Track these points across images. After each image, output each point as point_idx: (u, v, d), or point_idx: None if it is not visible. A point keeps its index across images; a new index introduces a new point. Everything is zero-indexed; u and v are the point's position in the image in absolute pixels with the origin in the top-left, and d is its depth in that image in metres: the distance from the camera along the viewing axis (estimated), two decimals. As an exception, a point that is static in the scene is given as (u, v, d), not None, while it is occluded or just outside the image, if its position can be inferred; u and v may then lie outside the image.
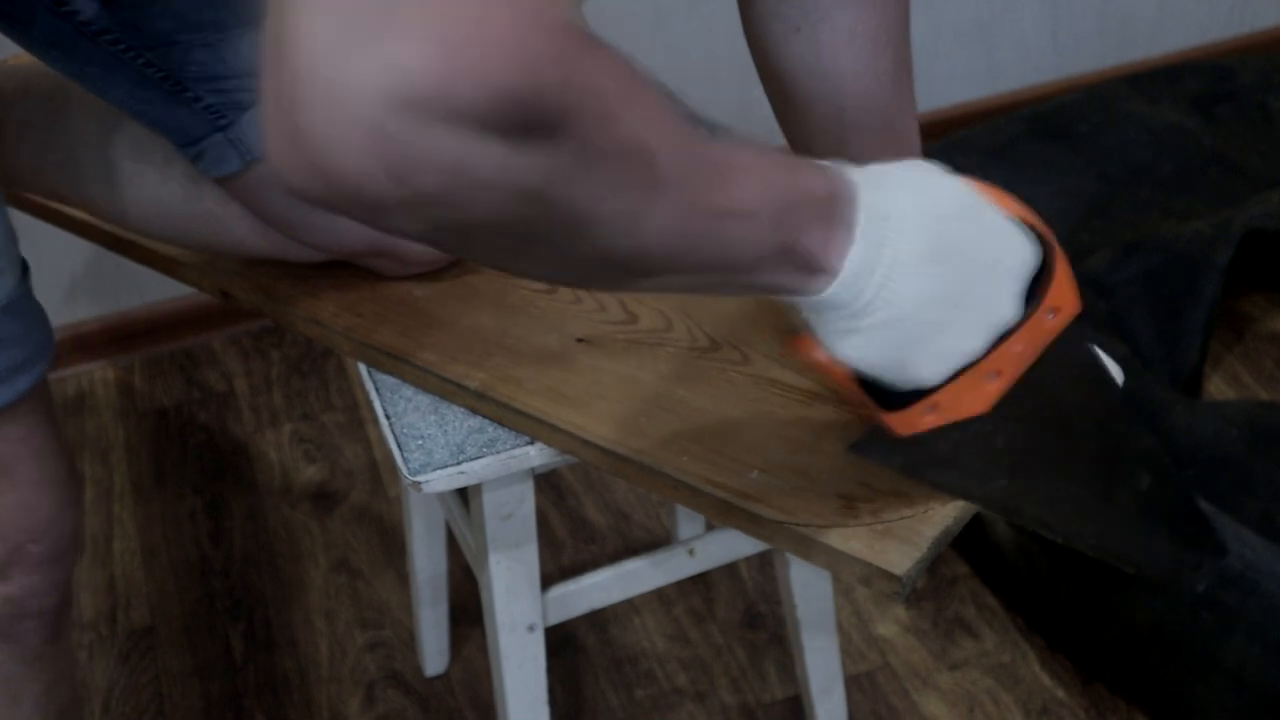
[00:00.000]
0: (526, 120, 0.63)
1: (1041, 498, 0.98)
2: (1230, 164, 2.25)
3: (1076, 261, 2.19)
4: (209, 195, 1.19)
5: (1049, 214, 2.25)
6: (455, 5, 0.60)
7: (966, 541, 1.86)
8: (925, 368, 0.86)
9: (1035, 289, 0.88)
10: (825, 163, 0.83)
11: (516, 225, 0.68)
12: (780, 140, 1.17)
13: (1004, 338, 0.87)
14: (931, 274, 0.83)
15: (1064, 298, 0.89)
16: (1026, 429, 0.92)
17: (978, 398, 0.89)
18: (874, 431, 0.92)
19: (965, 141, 2.24)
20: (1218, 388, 2.10)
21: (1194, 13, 2.65)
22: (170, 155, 1.19)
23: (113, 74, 1.11)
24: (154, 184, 1.21)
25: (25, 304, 1.08)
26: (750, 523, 0.99)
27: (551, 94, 0.63)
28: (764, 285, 0.81)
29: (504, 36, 0.60)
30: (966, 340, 0.86)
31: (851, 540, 0.96)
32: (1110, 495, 1.01)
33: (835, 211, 0.81)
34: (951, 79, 2.54)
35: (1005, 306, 0.87)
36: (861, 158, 1.10)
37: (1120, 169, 2.23)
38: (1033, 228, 0.89)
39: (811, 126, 1.13)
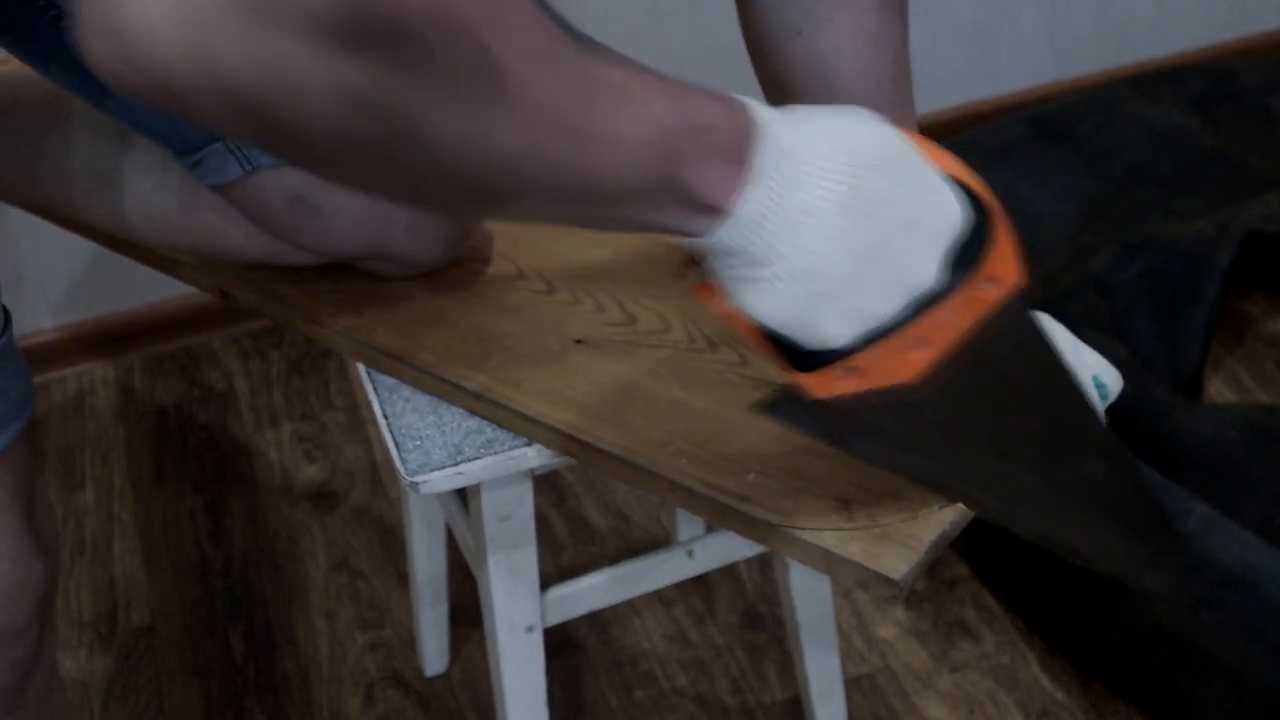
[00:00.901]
0: (356, 25, 0.59)
1: (976, 476, 0.94)
2: (1231, 165, 2.25)
3: (1078, 262, 2.20)
4: (205, 203, 1.18)
5: (1050, 215, 2.27)
6: None
7: (966, 543, 1.86)
8: (832, 327, 0.80)
9: (970, 256, 0.82)
10: (732, 96, 0.77)
11: (348, 133, 0.64)
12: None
13: (930, 304, 0.81)
14: (842, 225, 0.77)
15: (1004, 267, 0.83)
16: (961, 402, 0.87)
17: (903, 365, 0.83)
18: (787, 392, 0.86)
19: (966, 143, 2.24)
20: (1218, 390, 2.10)
21: (1193, 14, 2.65)
22: (165, 164, 1.18)
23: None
24: (149, 193, 1.21)
25: (4, 358, 1.03)
26: (747, 525, 0.99)
27: (409, 8, 0.59)
28: (645, 221, 0.76)
29: None
30: (879, 302, 0.80)
31: (848, 543, 0.96)
32: (1054, 481, 0.96)
33: (731, 147, 0.75)
34: (950, 80, 2.54)
35: (924, 269, 0.80)
36: None
37: (1121, 170, 2.23)
38: (970, 190, 0.83)
39: None
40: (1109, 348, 1.86)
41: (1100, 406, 1.04)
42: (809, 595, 1.50)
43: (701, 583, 1.88)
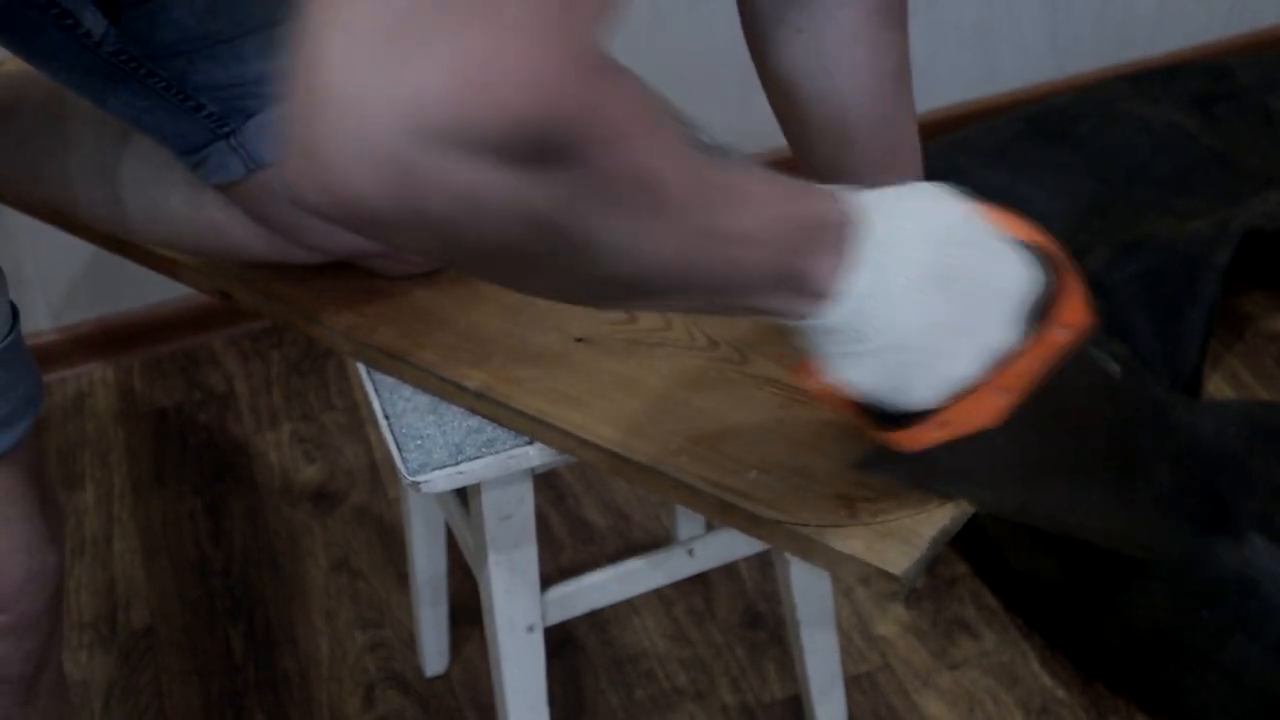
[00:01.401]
0: (541, 151, 0.63)
1: (1057, 502, 0.99)
2: (1230, 163, 2.24)
3: (1077, 260, 2.19)
4: (209, 202, 1.18)
5: (1049, 214, 2.27)
6: (476, 36, 0.61)
7: (966, 541, 1.86)
8: (921, 391, 0.86)
9: (1045, 308, 0.88)
10: (831, 188, 0.83)
11: (524, 248, 0.69)
12: (781, 141, 1.16)
13: (1011, 359, 0.87)
14: (932, 301, 0.83)
15: (1075, 315, 0.90)
16: (1038, 437, 0.93)
17: (989, 411, 0.89)
18: (879, 448, 0.92)
19: (965, 141, 2.24)
20: (1217, 387, 2.10)
21: (1193, 12, 2.65)
22: (169, 162, 1.18)
23: (114, 85, 1.10)
24: (152, 192, 1.21)
25: (12, 355, 1.04)
26: (749, 522, 0.99)
27: (566, 125, 0.64)
28: (766, 308, 0.82)
29: (522, 68, 0.61)
30: (964, 367, 0.86)
31: (850, 540, 0.96)
32: (1129, 495, 1.02)
33: (839, 237, 0.81)
34: (951, 79, 2.54)
35: (999, 332, 0.87)
36: (862, 157, 1.11)
37: (1120, 169, 2.23)
38: (1040, 248, 0.89)
39: (813, 128, 1.12)
40: (1107, 346, 1.86)
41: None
42: (809, 593, 1.50)
43: (701, 582, 1.88)
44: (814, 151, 1.13)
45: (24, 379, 1.05)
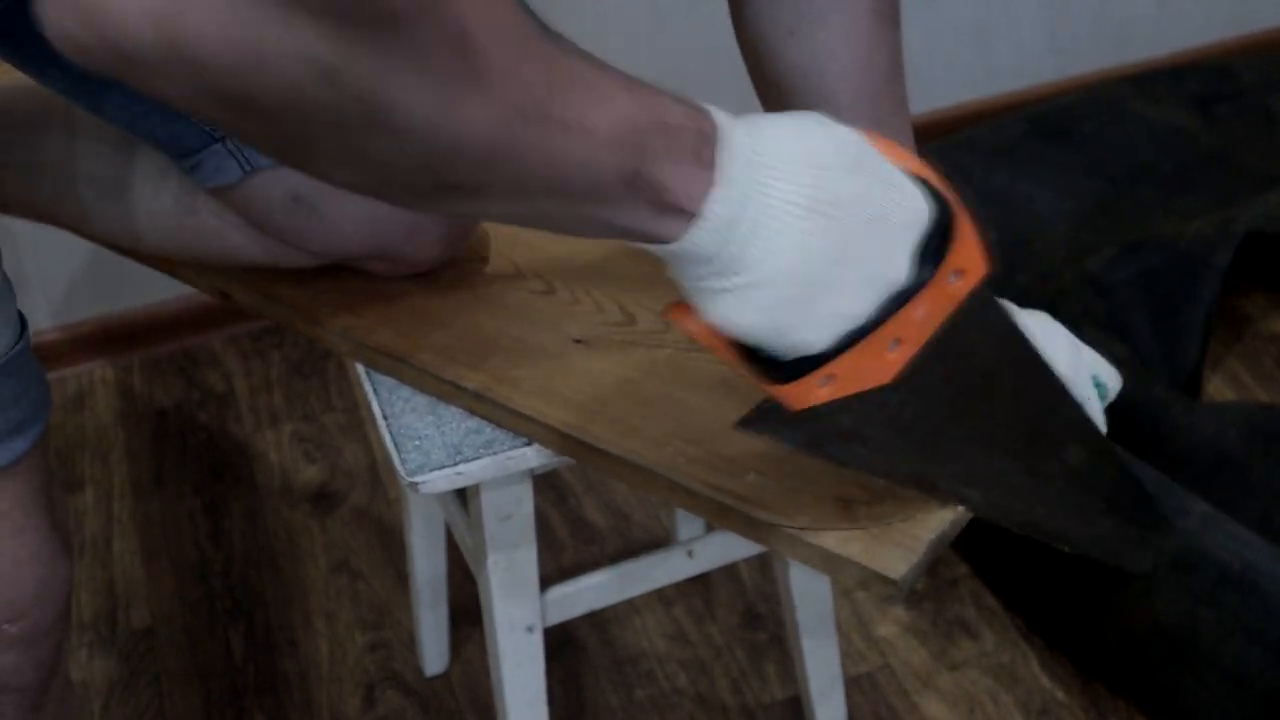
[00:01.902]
0: None
1: (958, 472, 0.94)
2: (1230, 164, 2.25)
3: (1077, 261, 2.20)
4: (204, 206, 1.18)
5: (1050, 214, 2.26)
6: None
7: (966, 542, 1.86)
8: (809, 332, 0.79)
9: (936, 250, 0.81)
10: (694, 100, 0.77)
11: (314, 111, 0.63)
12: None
13: (901, 302, 0.81)
14: (810, 228, 0.77)
15: (969, 259, 0.83)
16: (938, 399, 0.87)
17: (879, 367, 0.82)
18: (765, 406, 0.86)
19: (966, 141, 2.24)
20: (1217, 388, 2.10)
21: (1193, 13, 2.65)
22: (163, 168, 1.18)
23: (108, 90, 1.10)
24: (147, 198, 1.21)
25: (21, 362, 1.04)
26: (746, 525, 0.99)
27: None
28: (613, 223, 0.75)
29: None
30: (853, 302, 0.80)
31: (848, 543, 0.96)
32: (1037, 469, 0.96)
33: (695, 147, 0.75)
34: (950, 79, 2.54)
35: (894, 264, 0.80)
36: None
37: (1121, 169, 2.23)
38: (930, 185, 0.82)
39: None
40: (1107, 346, 1.86)
41: (1099, 404, 1.04)
42: (809, 594, 1.50)
43: (701, 582, 1.88)
44: None
45: (34, 387, 1.05)
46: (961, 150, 2.20)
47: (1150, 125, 2.29)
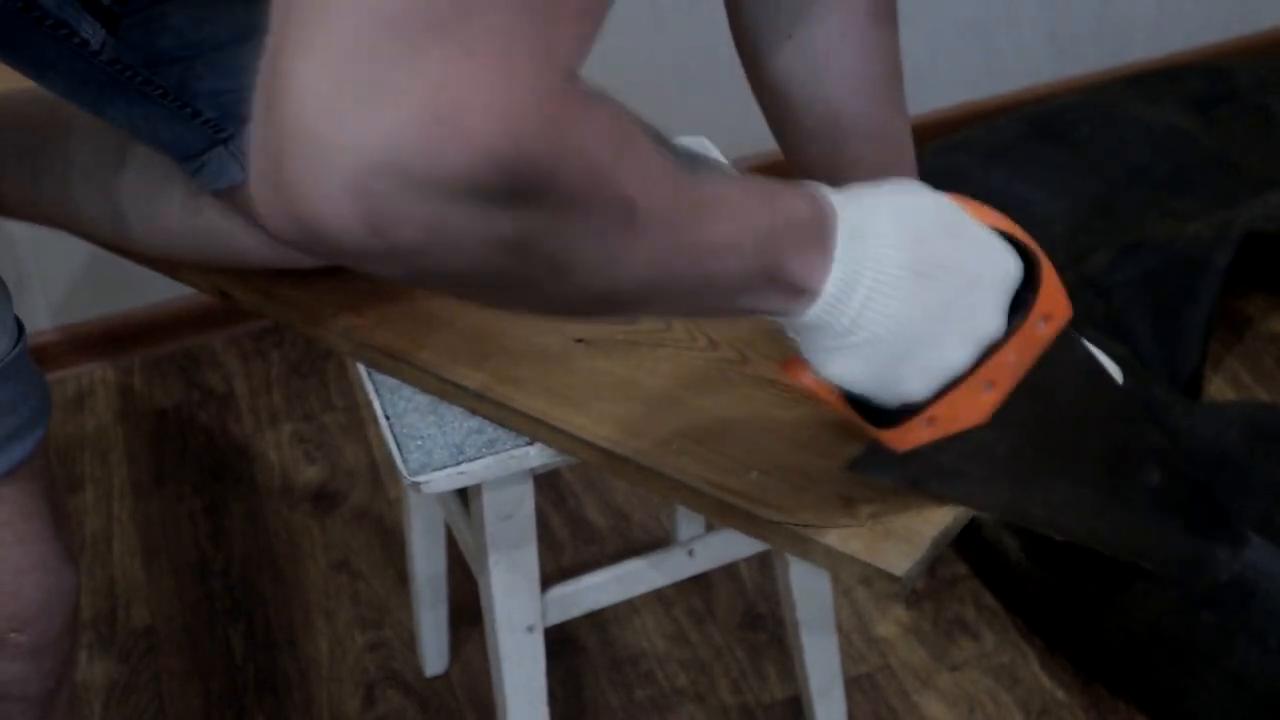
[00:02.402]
0: (514, 187, 0.63)
1: (1050, 501, 0.98)
2: (1229, 165, 2.25)
3: (1076, 262, 2.19)
4: (209, 208, 1.18)
5: (1049, 215, 2.26)
6: (448, 71, 0.60)
7: (966, 542, 1.86)
8: (912, 383, 0.86)
9: (1023, 299, 0.88)
10: (804, 184, 0.83)
11: (496, 273, 0.68)
12: (774, 144, 1.17)
13: (993, 350, 0.87)
14: (913, 290, 0.83)
15: (1054, 305, 0.89)
16: (1028, 435, 0.93)
17: (974, 408, 0.89)
18: (871, 449, 0.92)
19: (965, 142, 2.24)
20: (1218, 389, 2.10)
21: (1192, 14, 2.65)
22: (168, 171, 1.18)
23: (111, 93, 1.10)
24: (153, 201, 1.21)
25: (18, 367, 1.04)
26: (749, 523, 0.99)
27: (539, 162, 0.63)
28: (749, 309, 0.82)
29: (493, 106, 0.60)
30: (951, 354, 0.86)
31: (851, 541, 0.96)
32: (1120, 493, 1.01)
33: (816, 234, 0.81)
34: (950, 79, 2.54)
35: (989, 318, 0.87)
36: (856, 160, 1.10)
37: (1120, 170, 2.23)
38: (1015, 239, 0.89)
39: (805, 133, 1.12)
40: (1107, 348, 1.86)
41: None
42: (809, 594, 1.50)
43: (701, 582, 1.88)
44: (807, 156, 1.13)
45: (33, 392, 1.05)
46: (960, 151, 2.20)
47: (1149, 126, 2.29)
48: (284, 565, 1.95)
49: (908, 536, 0.96)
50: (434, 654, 1.79)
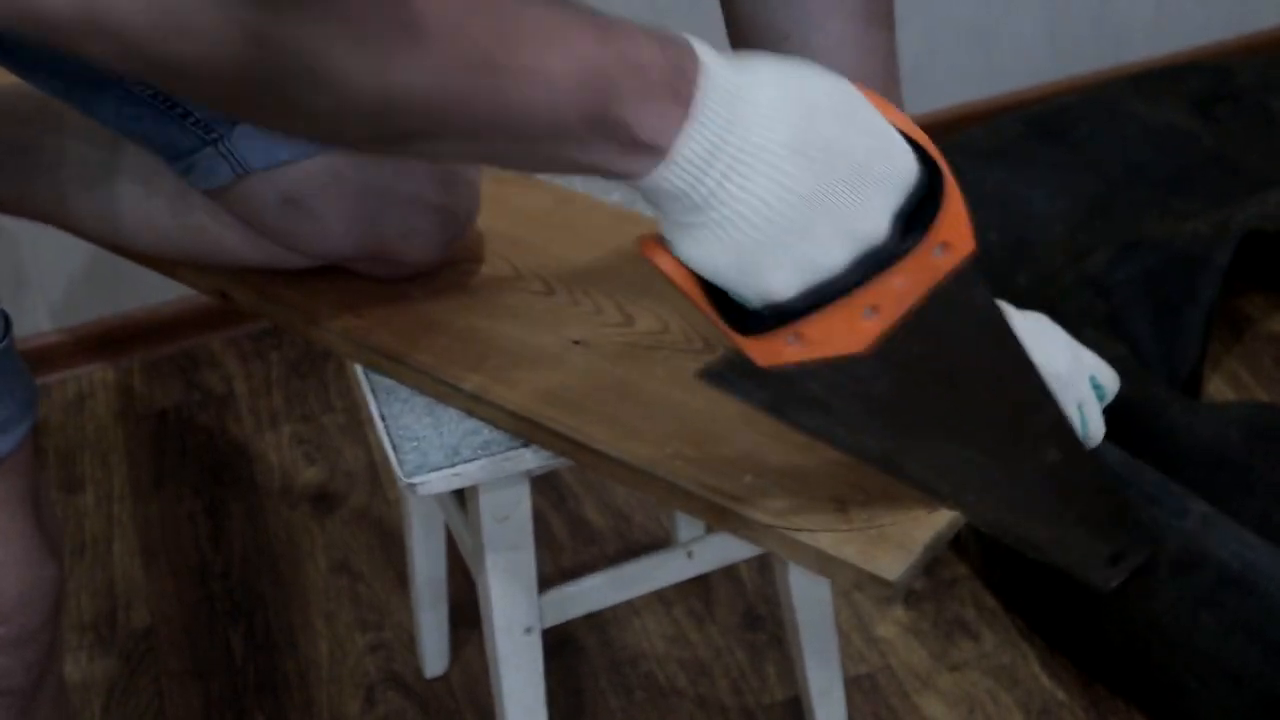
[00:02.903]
0: None
1: (929, 462, 0.92)
2: (1229, 164, 2.25)
3: (1075, 261, 2.19)
4: (199, 208, 1.18)
5: (1048, 214, 2.26)
6: None
7: (966, 542, 1.86)
8: (777, 277, 0.78)
9: (921, 219, 0.79)
10: (677, 36, 0.76)
11: (235, 67, 0.62)
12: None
13: (879, 267, 0.78)
14: (789, 170, 0.75)
15: (955, 232, 0.80)
16: (911, 378, 0.84)
17: (852, 334, 0.80)
18: (732, 360, 0.83)
19: (965, 142, 2.24)
20: (1217, 388, 2.10)
21: (1192, 14, 2.65)
22: (157, 170, 1.18)
23: (100, 92, 1.10)
24: (141, 199, 1.21)
25: (6, 361, 1.03)
26: (743, 527, 0.99)
27: None
28: (579, 161, 0.74)
29: None
30: (825, 252, 0.77)
31: (844, 545, 0.95)
32: (1010, 468, 0.94)
33: (670, 85, 0.74)
34: (950, 80, 2.54)
35: (873, 220, 0.78)
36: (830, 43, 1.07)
37: (1120, 169, 2.23)
38: (923, 149, 0.80)
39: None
40: (1107, 347, 1.86)
41: (1097, 406, 1.04)
42: (809, 595, 1.50)
43: (701, 583, 1.88)
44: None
45: (18, 387, 1.04)
46: (959, 150, 2.20)
47: (1149, 126, 2.29)
48: (284, 566, 1.95)
49: (901, 541, 0.95)
50: (434, 655, 1.79)
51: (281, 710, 1.78)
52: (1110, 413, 1.06)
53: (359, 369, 1.21)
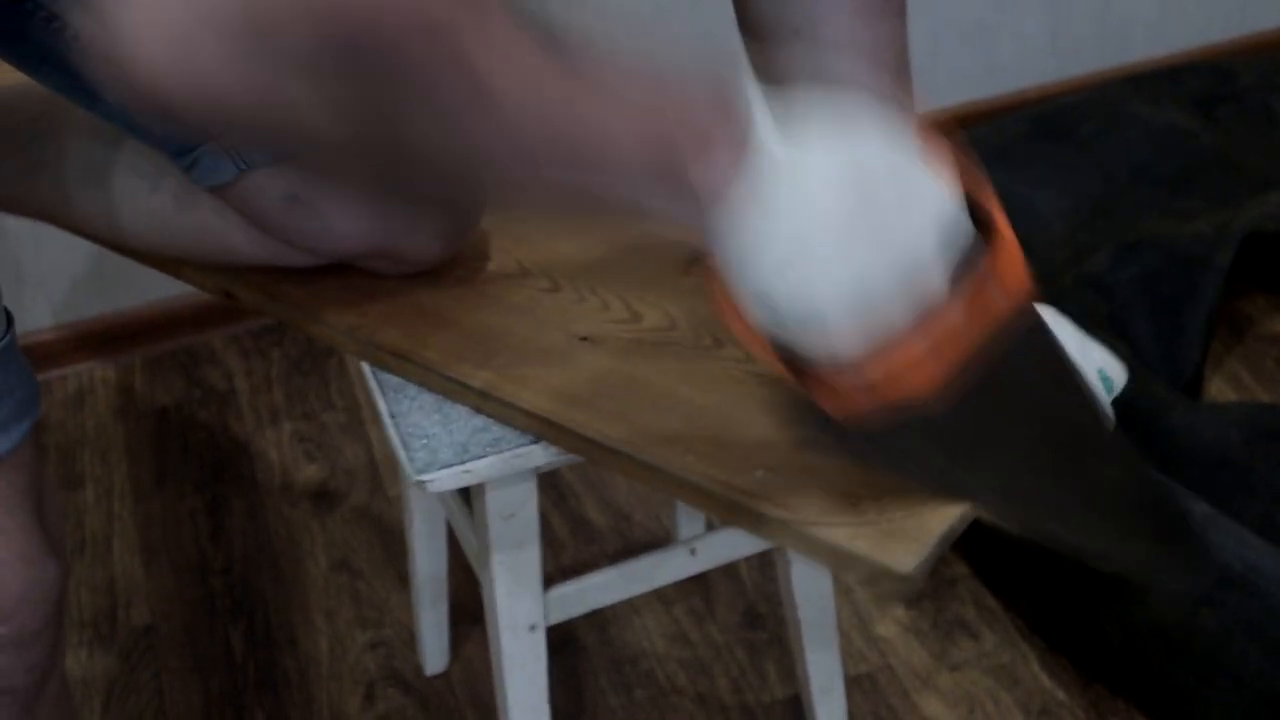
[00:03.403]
0: (341, 38, 0.61)
1: (994, 486, 0.95)
2: (1231, 165, 2.25)
3: (1077, 261, 2.19)
4: (203, 204, 1.18)
5: (1050, 214, 2.26)
6: None
7: (966, 542, 1.86)
8: (837, 326, 0.80)
9: (974, 260, 0.82)
10: (734, 83, 0.79)
11: (331, 136, 0.67)
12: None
13: (938, 315, 0.81)
14: (838, 199, 0.78)
15: (1010, 275, 0.83)
16: (975, 414, 0.87)
17: (919, 378, 0.83)
18: (809, 409, 0.87)
19: (966, 142, 2.24)
20: (1218, 389, 2.10)
21: (1193, 14, 2.65)
22: (161, 167, 1.18)
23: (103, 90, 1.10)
24: (145, 196, 1.21)
25: (8, 358, 1.03)
26: (755, 522, 0.99)
27: (367, 17, 0.62)
28: (638, 207, 0.78)
29: None
30: (873, 275, 0.80)
31: (857, 539, 0.96)
32: (1072, 488, 0.96)
33: (736, 139, 0.77)
34: (952, 80, 2.55)
35: (929, 272, 0.81)
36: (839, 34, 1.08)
37: (1121, 169, 2.23)
38: (971, 196, 0.84)
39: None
40: (1109, 346, 1.86)
41: (1107, 401, 1.04)
42: (809, 594, 1.50)
43: (701, 582, 1.88)
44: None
45: (19, 385, 1.04)
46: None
47: (1150, 126, 2.29)
48: (284, 564, 1.95)
49: (914, 534, 0.95)
50: (434, 653, 1.79)
51: (281, 707, 1.77)
52: (1114, 410, 1.06)
53: (365, 367, 1.21)
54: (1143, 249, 2.02)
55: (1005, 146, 2.23)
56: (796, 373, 0.85)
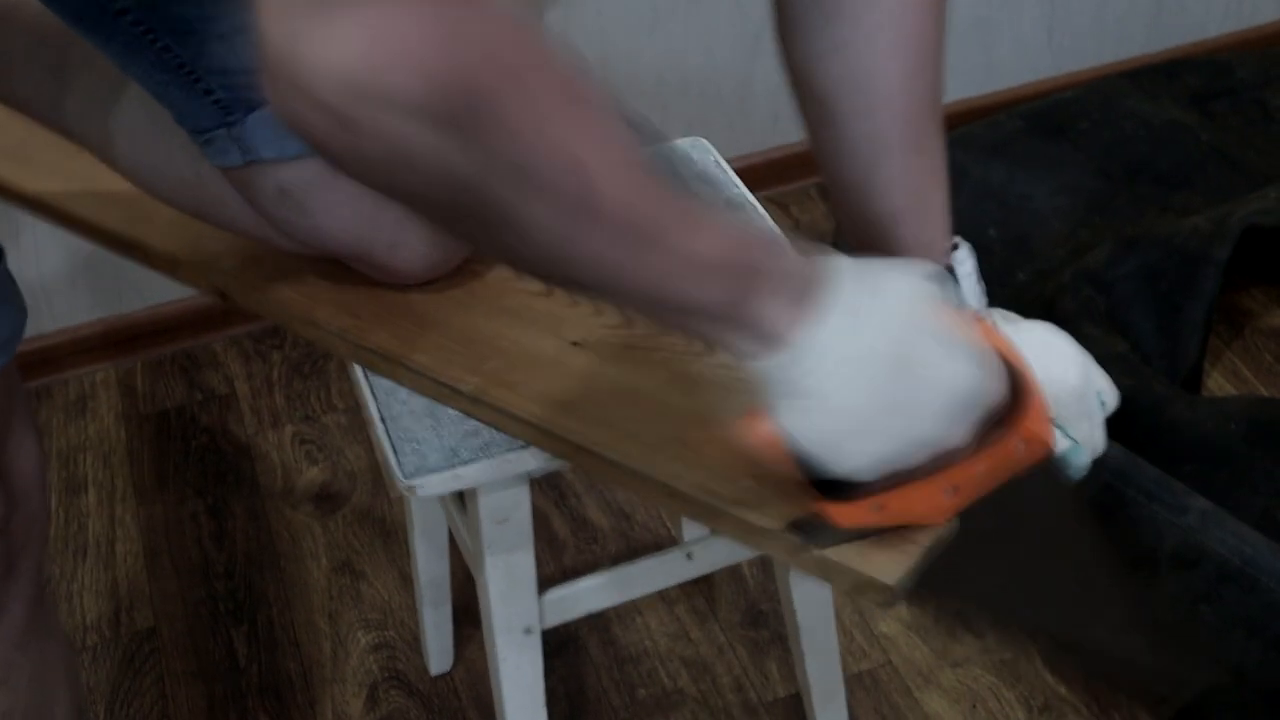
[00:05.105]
0: (451, 108, 0.69)
1: (1010, 616, 0.99)
2: (1228, 160, 2.25)
3: (1075, 257, 2.19)
4: (211, 170, 1.19)
5: (1048, 211, 2.26)
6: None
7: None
8: (854, 460, 0.87)
9: (1003, 420, 0.89)
10: (812, 246, 0.85)
11: (452, 203, 0.74)
12: (777, 140, 1.16)
13: (958, 458, 0.88)
14: (877, 377, 0.84)
15: (1035, 431, 0.90)
16: (981, 538, 0.93)
17: (931, 509, 0.90)
18: (816, 517, 0.92)
19: (965, 138, 2.24)
20: (1217, 383, 2.10)
21: (1191, 10, 2.65)
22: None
23: (134, 53, 1.11)
24: (163, 145, 1.21)
25: None
26: (742, 530, 0.99)
27: (474, 85, 0.69)
28: (708, 335, 0.84)
29: (430, 30, 0.68)
30: (890, 446, 0.87)
31: (843, 549, 0.96)
32: (1086, 610, 1.01)
33: (800, 291, 0.83)
34: (950, 76, 2.51)
35: (933, 423, 0.87)
36: (893, 176, 1.10)
37: (1119, 165, 2.23)
38: (1007, 361, 0.89)
39: (845, 143, 1.11)
40: (1107, 343, 1.86)
41: (1101, 419, 1.05)
42: (810, 593, 1.50)
43: (703, 581, 1.88)
44: (845, 168, 1.12)
45: (10, 313, 1.09)
46: (959, 147, 2.20)
47: (1148, 122, 2.29)
48: (287, 566, 1.96)
49: (899, 545, 0.95)
50: (437, 654, 1.79)
51: (285, 710, 1.78)
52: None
53: (359, 369, 1.21)
54: (1141, 244, 2.01)
55: (1003, 143, 2.23)
56: (810, 482, 0.90)
